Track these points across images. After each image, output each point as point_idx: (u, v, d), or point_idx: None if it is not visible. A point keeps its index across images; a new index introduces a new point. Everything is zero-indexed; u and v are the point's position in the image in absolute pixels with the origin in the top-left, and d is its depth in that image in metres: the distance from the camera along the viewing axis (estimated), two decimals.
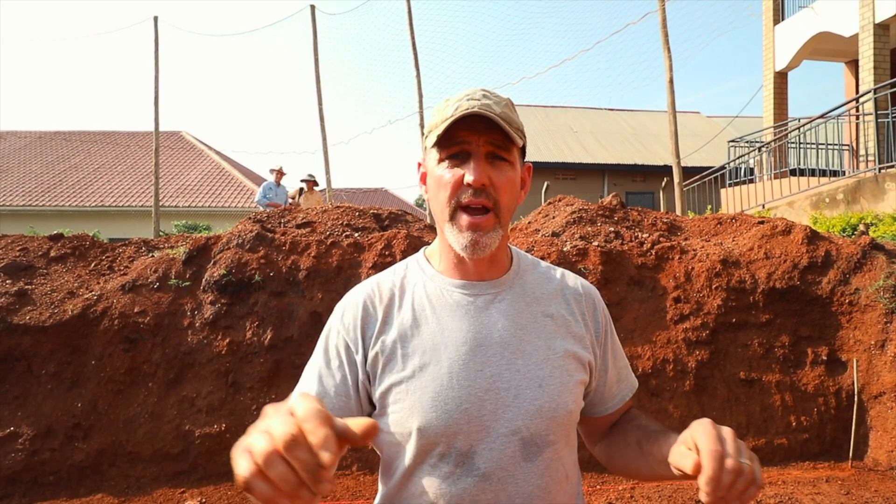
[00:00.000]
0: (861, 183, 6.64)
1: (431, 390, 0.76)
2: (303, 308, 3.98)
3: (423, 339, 0.80)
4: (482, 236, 0.78)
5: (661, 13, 7.66)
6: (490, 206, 0.78)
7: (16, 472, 3.27)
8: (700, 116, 20.20)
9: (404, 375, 0.78)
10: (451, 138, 0.78)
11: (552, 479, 0.77)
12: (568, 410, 0.79)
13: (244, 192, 15.23)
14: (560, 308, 0.86)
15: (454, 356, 0.78)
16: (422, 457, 0.76)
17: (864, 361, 3.75)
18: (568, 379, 0.80)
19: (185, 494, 3.25)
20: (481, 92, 0.79)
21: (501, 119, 0.76)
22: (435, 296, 0.83)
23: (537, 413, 0.76)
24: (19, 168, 16.55)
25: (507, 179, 0.79)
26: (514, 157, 0.82)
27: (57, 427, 3.47)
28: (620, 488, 3.24)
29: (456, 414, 0.75)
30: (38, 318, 3.74)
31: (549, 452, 0.78)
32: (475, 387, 0.76)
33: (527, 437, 0.76)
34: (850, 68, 11.21)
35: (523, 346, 0.80)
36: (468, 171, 0.77)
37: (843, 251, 4.14)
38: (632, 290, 4.10)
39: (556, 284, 0.89)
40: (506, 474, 0.75)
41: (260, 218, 4.93)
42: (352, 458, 3.55)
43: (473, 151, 0.78)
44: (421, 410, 0.75)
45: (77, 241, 4.65)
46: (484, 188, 0.77)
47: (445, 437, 0.75)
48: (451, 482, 0.75)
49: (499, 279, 0.85)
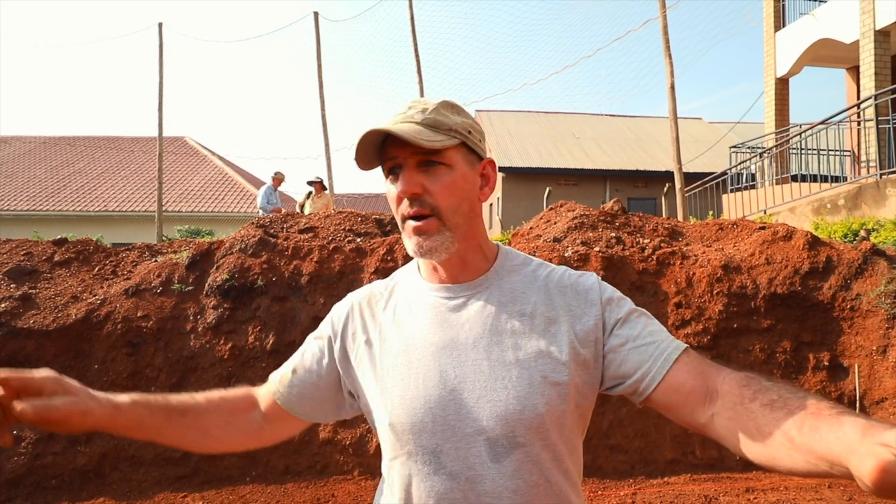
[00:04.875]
0: (862, 189, 6.65)
1: (400, 389, 0.80)
2: (305, 313, 4.00)
3: (398, 339, 0.83)
4: (426, 240, 0.80)
5: (663, 20, 7.71)
6: (427, 212, 0.79)
7: (19, 476, 3.28)
8: (702, 122, 20.24)
9: (378, 373, 0.83)
10: (386, 155, 0.81)
11: (524, 481, 0.76)
12: (536, 413, 0.76)
13: (247, 198, 15.29)
14: (541, 306, 0.83)
15: (423, 357, 0.80)
16: (396, 451, 0.80)
17: (865, 367, 3.75)
18: (539, 380, 0.78)
19: (187, 499, 3.26)
20: (408, 104, 0.82)
21: (423, 125, 0.78)
22: (415, 299, 0.86)
23: (502, 415, 0.76)
24: (24, 173, 16.65)
25: (442, 183, 0.80)
26: (452, 159, 0.81)
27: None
28: (622, 493, 3.24)
29: (420, 413, 0.78)
30: (41, 323, 3.76)
31: (519, 454, 0.77)
32: (440, 387, 0.78)
33: (492, 438, 0.76)
34: (851, 74, 11.24)
35: (491, 348, 0.80)
36: (398, 183, 0.80)
37: (845, 257, 4.15)
38: (633, 296, 4.10)
39: (541, 282, 0.86)
40: (473, 473, 0.76)
41: (263, 223, 4.95)
42: (353, 462, 3.55)
43: (403, 164, 0.80)
44: (391, 408, 0.80)
45: (81, 245, 4.68)
46: (417, 196, 0.79)
47: (412, 435, 0.78)
48: (421, 477, 0.77)
49: (474, 281, 0.85)
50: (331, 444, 3.59)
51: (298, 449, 3.57)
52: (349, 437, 3.60)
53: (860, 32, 9.05)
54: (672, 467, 3.56)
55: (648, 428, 3.67)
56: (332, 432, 3.62)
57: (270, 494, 3.29)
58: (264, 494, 3.29)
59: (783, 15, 11.29)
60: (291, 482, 3.42)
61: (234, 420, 0.89)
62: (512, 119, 18.91)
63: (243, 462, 3.53)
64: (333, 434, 3.62)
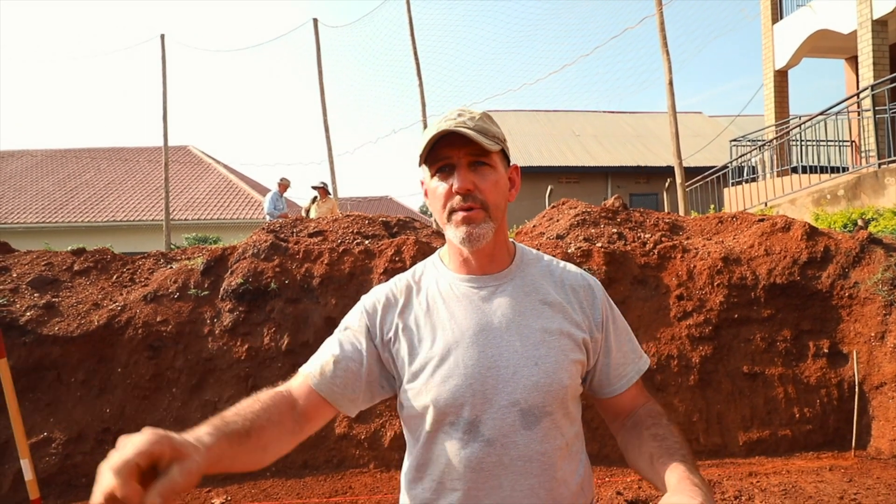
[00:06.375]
0: (861, 179, 6.73)
1: (442, 370, 0.90)
2: (317, 314, 4.13)
3: (435, 325, 0.94)
4: (475, 228, 0.90)
5: (659, 17, 7.80)
6: (478, 206, 0.91)
7: (50, 475, 3.43)
8: (702, 116, 20.27)
9: (418, 357, 0.92)
10: (437, 156, 0.92)
11: (551, 445, 0.90)
12: (563, 385, 0.90)
13: (252, 204, 15.47)
14: (558, 297, 0.97)
15: (461, 339, 0.91)
16: (437, 425, 0.90)
17: (864, 353, 3.84)
18: (563, 357, 0.92)
19: (212, 493, 3.39)
20: (457, 112, 0.93)
21: (475, 131, 0.89)
22: (445, 289, 0.98)
23: (534, 387, 0.89)
24: (32, 186, 16.90)
25: (490, 181, 0.92)
26: (495, 162, 0.94)
27: (87, 432, 3.63)
28: (629, 479, 3.35)
29: (462, 389, 0.88)
30: (66, 329, 3.91)
31: (547, 422, 0.90)
32: (479, 365, 0.89)
33: (525, 408, 0.88)
34: (850, 64, 11.29)
35: (521, 330, 0.92)
36: (454, 180, 0.91)
37: (842, 246, 4.24)
38: (635, 289, 4.22)
39: (557, 276, 1.01)
40: (507, 440, 0.88)
41: (273, 228, 5.09)
42: (368, 456, 3.68)
43: (456, 163, 0.91)
44: (433, 386, 0.90)
45: (98, 254, 4.83)
46: (469, 192, 0.91)
47: (454, 409, 0.89)
48: (461, 446, 0.89)
49: (500, 273, 0.98)
50: (346, 438, 3.72)
51: (316, 444, 3.70)
52: (364, 431, 3.73)
53: (857, 22, 9.11)
54: None
55: None
56: (347, 427, 3.75)
57: (290, 487, 3.42)
58: (284, 488, 3.43)
59: (780, 7, 11.35)
60: (310, 476, 3.55)
61: (283, 427, 0.87)
62: (512, 118, 18.99)
63: None
64: (349, 429, 3.75)
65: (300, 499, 3.28)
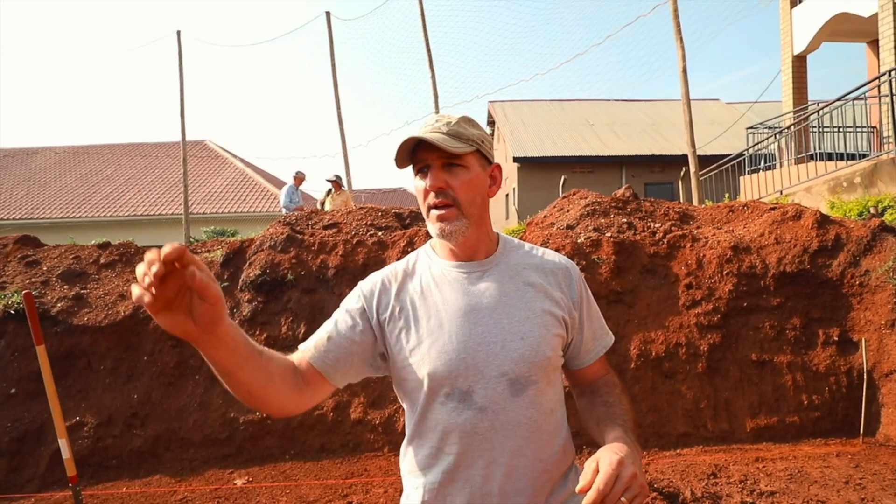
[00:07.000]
0: (878, 166, 6.62)
1: (437, 346, 1.01)
2: (333, 304, 4.26)
3: (429, 307, 1.05)
4: (447, 225, 1.02)
5: (673, 3, 7.71)
6: (450, 203, 1.01)
7: (83, 457, 3.63)
8: (719, 103, 19.94)
9: (414, 335, 1.03)
10: (416, 158, 1.03)
11: (537, 411, 1.02)
12: (546, 357, 1.02)
13: (268, 198, 15.71)
14: (539, 279, 1.09)
15: (453, 318, 1.02)
16: (432, 396, 1.01)
17: (874, 341, 3.85)
18: (545, 332, 1.03)
19: (234, 474, 3.56)
20: (435, 118, 1.05)
21: (448, 135, 1.00)
22: (438, 275, 1.09)
23: (520, 359, 1.00)
24: (56, 182, 17.38)
25: (462, 180, 1.02)
26: (469, 162, 1.03)
27: (117, 416, 3.82)
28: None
29: (456, 362, 0.99)
30: (94, 319, 4.10)
31: (533, 390, 1.01)
32: (470, 341, 1.01)
33: (513, 378, 1.00)
34: (871, 48, 11.01)
35: (508, 309, 1.03)
36: (428, 179, 1.02)
37: (853, 234, 4.23)
38: (645, 278, 4.27)
39: (538, 261, 1.12)
40: (498, 407, 0.99)
41: (289, 221, 5.23)
42: (383, 440, 3.81)
43: (431, 164, 1.02)
44: (429, 361, 1.01)
45: (123, 248, 5.02)
46: (442, 190, 1.01)
47: (449, 380, 1.00)
48: (456, 414, 1.00)
49: (486, 259, 1.09)
50: (362, 423, 3.86)
51: (332, 429, 3.85)
52: (379, 417, 3.86)
53: (878, 5, 8.88)
54: (684, 440, 3.74)
55: (661, 404, 3.85)
56: (363, 413, 3.89)
57: (308, 469, 3.57)
58: (303, 470, 3.58)
59: None
60: (327, 459, 3.70)
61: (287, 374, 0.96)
62: (525, 109, 18.91)
63: (282, 441, 3.82)
64: (364, 414, 3.89)
65: (318, 480, 3.43)
